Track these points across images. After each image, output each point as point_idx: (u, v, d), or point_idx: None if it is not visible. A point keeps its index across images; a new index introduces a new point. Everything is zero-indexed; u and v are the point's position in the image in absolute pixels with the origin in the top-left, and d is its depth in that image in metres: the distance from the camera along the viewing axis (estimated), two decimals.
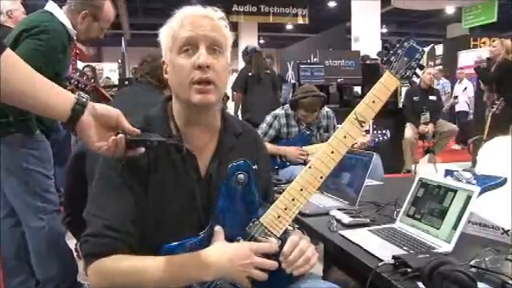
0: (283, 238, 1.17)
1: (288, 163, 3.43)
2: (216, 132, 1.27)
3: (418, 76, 1.28)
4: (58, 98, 1.01)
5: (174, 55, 1.18)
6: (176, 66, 1.17)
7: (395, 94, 6.98)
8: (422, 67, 1.28)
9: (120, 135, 1.05)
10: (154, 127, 1.18)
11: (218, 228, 1.15)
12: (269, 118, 3.55)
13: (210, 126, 1.26)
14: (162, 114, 1.24)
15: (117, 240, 1.10)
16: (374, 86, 1.22)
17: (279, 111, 3.57)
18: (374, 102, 1.20)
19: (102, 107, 1.06)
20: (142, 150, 1.09)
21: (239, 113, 5.91)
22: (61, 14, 2.35)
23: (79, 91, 2.26)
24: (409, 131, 6.07)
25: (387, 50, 1.28)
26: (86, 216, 1.17)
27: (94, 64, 10.76)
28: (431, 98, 6.29)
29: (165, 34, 1.22)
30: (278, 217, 1.17)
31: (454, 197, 1.55)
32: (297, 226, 1.83)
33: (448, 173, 1.96)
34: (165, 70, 1.24)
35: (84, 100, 1.02)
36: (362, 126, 1.20)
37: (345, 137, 1.20)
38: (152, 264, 1.07)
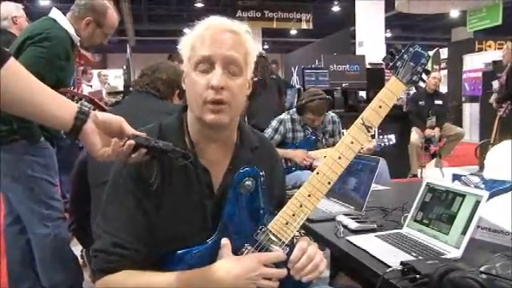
0: (291, 245, 1.16)
1: (294, 168, 3.42)
2: (232, 146, 1.25)
3: (423, 81, 1.28)
4: (60, 107, 1.00)
5: (190, 68, 1.15)
6: (191, 82, 1.15)
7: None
8: (427, 72, 1.28)
9: (116, 139, 1.03)
10: (168, 139, 1.15)
11: (224, 240, 1.12)
12: (274, 123, 3.54)
13: (226, 141, 1.23)
14: (177, 126, 1.22)
15: (124, 257, 1.09)
16: (380, 90, 1.22)
17: (285, 116, 3.57)
18: (380, 107, 1.20)
19: (104, 115, 1.05)
20: (144, 151, 1.06)
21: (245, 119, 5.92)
22: (64, 21, 2.36)
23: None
24: (414, 135, 6.05)
25: (392, 55, 1.28)
26: (95, 228, 1.16)
27: (99, 70, 10.85)
28: (437, 102, 6.28)
29: (185, 43, 1.17)
30: (286, 223, 1.16)
31: (462, 202, 1.53)
32: (303, 231, 1.83)
33: (456, 177, 1.95)
34: (183, 79, 1.21)
35: (86, 109, 1.02)
36: (369, 131, 1.19)
37: (352, 142, 1.19)
38: (158, 281, 1.07)
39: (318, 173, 1.18)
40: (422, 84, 1.30)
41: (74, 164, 2.24)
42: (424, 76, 1.27)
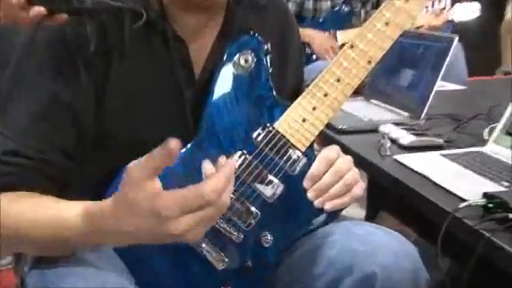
0: (311, 156, 1.14)
1: (315, 56, 3.38)
2: (222, 7, 1.21)
3: None
4: None
5: None
6: None
7: None
8: None
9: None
10: None
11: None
12: None
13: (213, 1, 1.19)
14: None
15: (26, 168, 1.07)
16: None
17: None
18: None
19: None
20: (64, 16, 1.01)
21: None
22: None
23: None
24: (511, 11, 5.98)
25: None
26: None
27: None
28: None
29: None
30: (303, 121, 1.14)
31: None
32: None
33: None
34: None
35: None
36: None
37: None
38: (31, 218, 1.04)
39: (352, 46, 1.14)
40: None
41: None
42: None
